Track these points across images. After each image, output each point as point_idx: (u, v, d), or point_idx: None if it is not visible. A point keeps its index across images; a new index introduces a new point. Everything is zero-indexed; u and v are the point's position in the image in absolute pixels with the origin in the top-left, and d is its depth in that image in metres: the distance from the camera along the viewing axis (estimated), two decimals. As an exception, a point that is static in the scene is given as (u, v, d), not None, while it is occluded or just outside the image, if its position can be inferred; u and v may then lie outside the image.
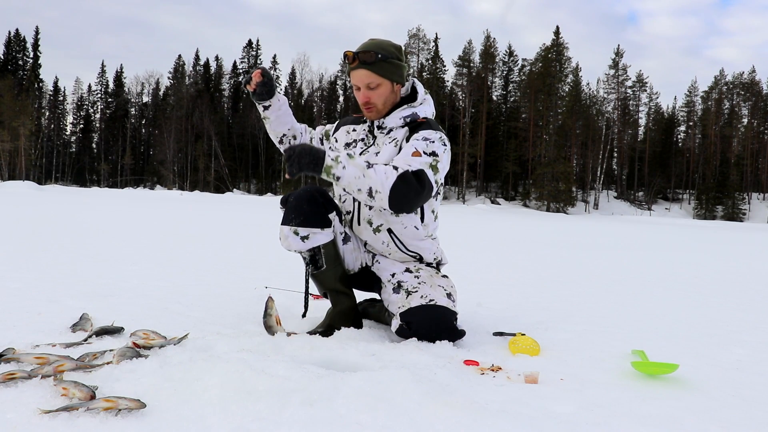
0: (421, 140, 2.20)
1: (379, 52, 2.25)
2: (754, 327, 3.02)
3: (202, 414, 1.34)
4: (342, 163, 2.02)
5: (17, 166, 56.70)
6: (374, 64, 2.25)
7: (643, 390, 1.75)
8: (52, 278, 3.36)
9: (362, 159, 2.07)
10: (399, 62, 2.31)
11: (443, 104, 56.12)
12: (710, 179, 56.56)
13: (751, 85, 60.38)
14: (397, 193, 2.05)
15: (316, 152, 2.02)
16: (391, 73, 2.28)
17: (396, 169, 2.07)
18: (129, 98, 75.47)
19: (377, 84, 2.27)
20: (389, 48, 2.29)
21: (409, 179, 2.07)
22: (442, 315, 2.17)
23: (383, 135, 2.34)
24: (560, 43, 55.16)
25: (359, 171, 2.03)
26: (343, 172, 2.03)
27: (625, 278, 5.14)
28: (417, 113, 2.32)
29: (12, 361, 1.65)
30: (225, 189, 58.29)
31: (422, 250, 2.40)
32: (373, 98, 2.29)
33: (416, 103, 2.34)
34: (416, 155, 2.14)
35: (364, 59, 2.24)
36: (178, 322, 2.39)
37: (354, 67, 2.27)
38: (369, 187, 2.05)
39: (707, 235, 16.85)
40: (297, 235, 2.23)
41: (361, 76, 2.27)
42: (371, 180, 2.04)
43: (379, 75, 2.26)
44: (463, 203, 52.00)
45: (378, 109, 2.32)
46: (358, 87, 2.30)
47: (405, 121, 2.31)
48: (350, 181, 2.04)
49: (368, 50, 2.25)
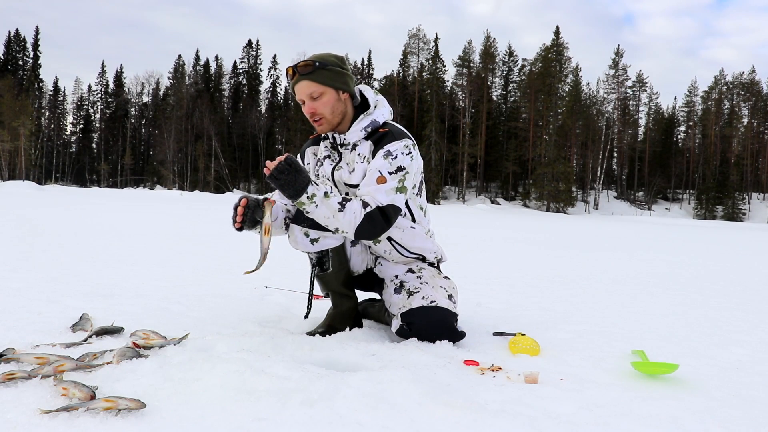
0: (383, 158, 2.17)
1: (317, 61, 2.20)
2: (754, 327, 3.02)
3: (202, 414, 1.34)
4: (315, 203, 2.05)
5: (17, 166, 56.71)
6: (313, 73, 2.19)
7: (643, 390, 1.75)
8: (52, 278, 3.36)
9: (336, 200, 2.07)
10: (340, 69, 2.23)
11: (443, 104, 56.14)
12: (710, 179, 56.57)
13: (751, 85, 60.39)
14: (362, 231, 2.12)
15: (300, 187, 2.03)
16: (332, 80, 2.20)
17: (365, 207, 2.09)
18: (129, 98, 75.49)
19: (320, 93, 2.20)
20: (329, 57, 2.23)
21: (375, 218, 2.10)
22: (443, 316, 2.17)
23: (348, 152, 2.29)
24: (560, 43, 55.15)
25: (330, 212, 2.07)
26: (314, 210, 2.07)
27: (625, 278, 5.14)
28: (376, 120, 2.27)
29: (12, 361, 1.65)
30: (225, 189, 58.31)
31: (424, 251, 2.40)
32: (319, 109, 2.21)
33: (371, 109, 2.28)
34: (381, 181, 2.13)
35: (302, 71, 2.19)
36: (178, 322, 2.39)
37: (295, 81, 2.22)
38: (336, 227, 2.12)
39: (707, 235, 16.84)
40: (307, 237, 2.22)
41: (301, 87, 2.21)
42: (339, 222, 2.09)
43: (319, 83, 2.19)
44: (463, 203, 52.00)
45: (327, 120, 2.23)
46: (302, 101, 2.23)
47: (366, 131, 2.25)
48: (319, 218, 2.11)
49: (307, 62, 2.21)
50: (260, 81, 71.59)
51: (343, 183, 2.29)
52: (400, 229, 2.30)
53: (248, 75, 71.36)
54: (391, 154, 2.17)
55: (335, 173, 2.31)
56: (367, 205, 2.10)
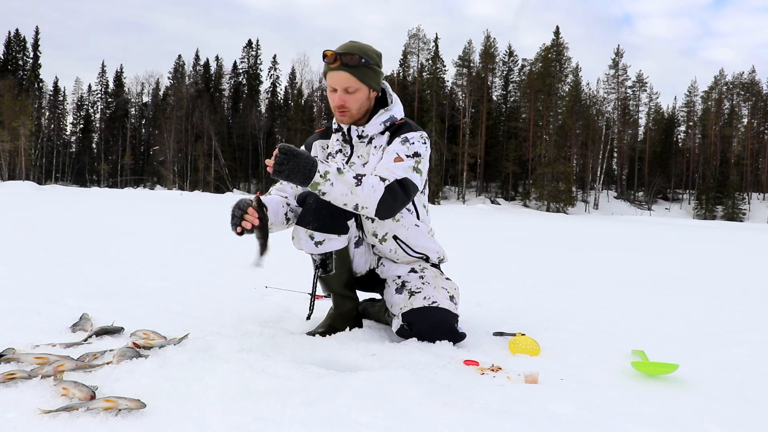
0: (401, 143, 2.18)
1: (363, 57, 2.16)
2: (754, 327, 3.02)
3: (202, 414, 1.34)
4: (330, 180, 1.98)
5: (17, 166, 56.71)
6: (357, 68, 2.15)
7: (643, 390, 1.75)
8: (52, 278, 3.36)
9: (351, 174, 2.01)
10: (379, 69, 2.24)
11: (443, 104, 56.14)
12: (710, 179, 56.57)
13: (751, 85, 60.38)
14: (383, 205, 2.04)
15: (308, 169, 1.95)
16: (370, 79, 2.20)
17: (383, 181, 2.05)
18: (129, 98, 75.47)
19: (356, 89, 2.18)
20: (372, 54, 2.21)
21: (395, 190, 2.06)
22: (444, 317, 2.17)
23: (363, 144, 2.29)
24: (560, 43, 55.14)
25: (347, 188, 2.00)
26: (330, 189, 1.99)
27: (625, 278, 5.14)
28: (394, 116, 2.29)
29: (12, 361, 1.65)
30: (225, 189, 58.28)
31: (428, 250, 2.39)
32: (349, 103, 2.20)
33: (390, 105, 2.30)
34: (398, 161, 2.12)
35: (346, 61, 2.14)
36: (178, 322, 2.39)
37: (334, 68, 2.16)
38: (356, 204, 2.03)
39: (707, 235, 16.84)
40: (312, 239, 2.19)
41: (340, 78, 2.16)
42: (358, 197, 2.01)
43: (358, 79, 2.17)
44: (463, 203, 51.99)
45: (352, 114, 2.23)
46: (334, 89, 2.19)
47: (385, 126, 2.27)
48: (336, 197, 2.01)
49: (352, 53, 2.15)
50: (260, 81, 71.59)
51: None
52: (405, 228, 2.30)
53: (248, 75, 71.35)
54: (408, 140, 2.19)
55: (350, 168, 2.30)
56: (384, 180, 2.05)
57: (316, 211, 2.15)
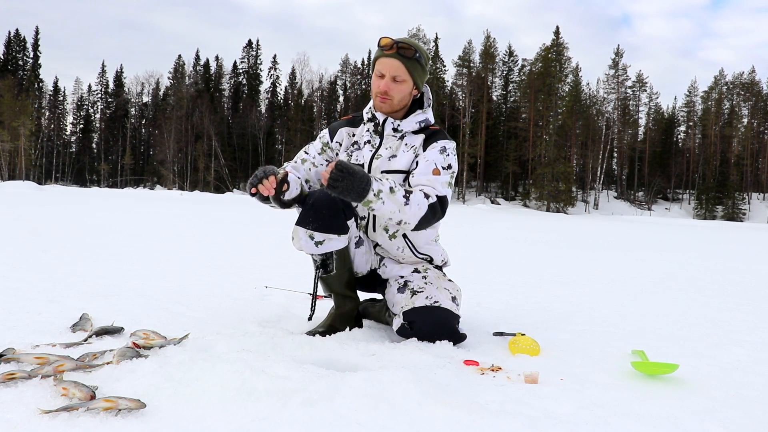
0: (439, 152, 2.25)
1: (418, 51, 2.26)
2: (754, 327, 3.02)
3: (202, 414, 1.34)
4: (382, 199, 2.04)
5: (17, 166, 56.68)
6: (410, 60, 2.24)
7: (643, 390, 1.76)
8: (52, 278, 3.36)
9: (401, 193, 2.07)
10: (426, 69, 2.35)
11: (443, 104, 56.13)
12: (710, 179, 56.56)
13: (751, 85, 60.38)
14: (423, 221, 2.14)
15: (362, 188, 1.98)
16: (418, 75, 2.30)
17: (427, 198, 2.12)
18: (129, 98, 75.44)
19: (403, 79, 2.26)
20: (425, 53, 2.32)
21: (436, 208, 2.15)
22: (445, 317, 2.17)
23: (395, 138, 2.33)
24: (560, 43, 55.14)
25: (396, 207, 2.06)
26: (380, 206, 2.05)
27: (625, 278, 5.14)
28: (428, 119, 2.37)
29: (12, 361, 1.65)
30: (225, 189, 58.27)
31: (432, 252, 2.42)
32: (393, 90, 2.26)
33: (426, 108, 2.38)
34: (436, 173, 2.20)
35: (402, 51, 2.23)
36: (178, 322, 2.39)
37: (389, 54, 2.24)
38: (400, 220, 2.11)
39: (707, 235, 16.84)
40: (312, 239, 2.19)
41: (392, 64, 2.24)
42: (404, 215, 2.09)
43: (409, 71, 2.25)
44: (463, 203, 51.98)
45: (392, 103, 2.29)
46: (382, 74, 2.26)
47: (420, 125, 2.34)
48: (384, 213, 2.08)
49: (409, 45, 2.25)
50: (260, 81, 71.56)
51: (379, 170, 2.30)
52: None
53: (248, 75, 71.34)
54: (445, 151, 2.27)
55: (374, 161, 2.32)
56: (428, 196, 2.14)
57: (317, 211, 2.15)
